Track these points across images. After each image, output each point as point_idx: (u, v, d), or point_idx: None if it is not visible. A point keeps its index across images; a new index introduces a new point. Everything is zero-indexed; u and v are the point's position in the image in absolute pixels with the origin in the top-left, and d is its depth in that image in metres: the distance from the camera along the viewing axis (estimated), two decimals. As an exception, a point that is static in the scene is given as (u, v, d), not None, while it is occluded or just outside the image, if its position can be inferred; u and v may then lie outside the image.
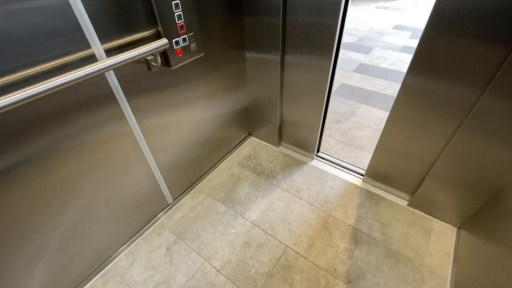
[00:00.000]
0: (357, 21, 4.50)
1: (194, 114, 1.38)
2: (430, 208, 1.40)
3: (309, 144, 1.75)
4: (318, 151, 1.82)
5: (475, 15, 0.85)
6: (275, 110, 1.70)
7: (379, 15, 4.73)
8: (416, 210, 1.45)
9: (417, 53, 1.01)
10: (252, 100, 1.77)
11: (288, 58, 1.43)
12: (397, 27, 4.18)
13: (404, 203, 1.49)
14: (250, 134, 2.03)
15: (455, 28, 0.89)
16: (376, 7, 5.13)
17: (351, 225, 1.40)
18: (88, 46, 0.83)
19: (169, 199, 1.49)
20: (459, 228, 1.35)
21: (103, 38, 0.85)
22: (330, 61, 1.29)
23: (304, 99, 1.54)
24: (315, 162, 1.79)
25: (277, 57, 1.42)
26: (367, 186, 1.60)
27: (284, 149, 1.91)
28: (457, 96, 1.02)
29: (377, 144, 1.40)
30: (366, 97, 2.48)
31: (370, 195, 1.55)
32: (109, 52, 0.88)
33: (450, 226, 1.37)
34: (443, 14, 0.89)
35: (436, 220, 1.40)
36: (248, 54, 1.53)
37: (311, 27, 1.24)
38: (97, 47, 0.85)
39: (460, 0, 0.85)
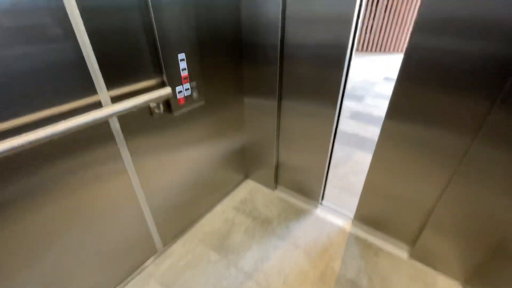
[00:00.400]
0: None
1: (191, 155, 1.40)
2: (433, 261, 1.34)
3: (311, 191, 1.73)
4: (322, 198, 1.78)
5: (444, 68, 0.93)
6: (272, 153, 1.72)
7: (370, 67, 5.10)
8: (417, 263, 1.38)
9: (392, 99, 1.08)
10: (249, 143, 1.81)
11: (286, 104, 1.49)
12: (386, 79, 4.47)
13: (404, 254, 1.43)
14: (246, 177, 2.02)
15: (424, 78, 0.98)
16: (367, 60, 5.56)
17: (350, 279, 1.31)
18: (95, 92, 0.87)
19: (159, 244, 1.42)
20: (464, 284, 1.27)
21: (110, 85, 0.90)
22: (335, 111, 1.34)
23: (305, 145, 1.57)
24: (316, 210, 1.75)
25: (274, 103, 1.49)
26: (365, 236, 1.54)
27: (281, 193, 1.88)
28: (443, 143, 1.06)
29: (363, 187, 1.40)
30: (361, 143, 2.54)
31: (369, 245, 1.49)
32: (115, 99, 0.92)
33: (455, 281, 1.29)
34: (412, 66, 0.98)
35: (439, 274, 1.33)
36: (246, 99, 1.61)
37: (311, 77, 1.32)
38: (103, 93, 0.89)
39: (426, 54, 0.94)
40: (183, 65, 1.05)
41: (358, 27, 1.13)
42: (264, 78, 1.45)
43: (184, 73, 1.07)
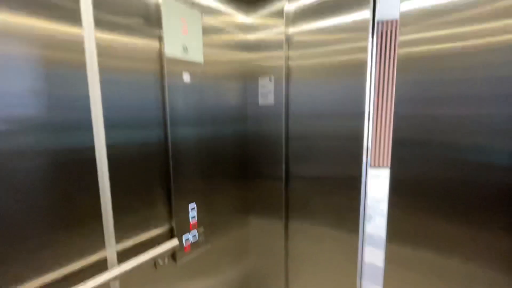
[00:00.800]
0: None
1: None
2: None
3: None
4: None
5: (432, 188, 0.95)
6: (280, 295, 1.52)
7: (372, 183, 5.25)
8: None
9: (389, 219, 1.04)
10: (254, 275, 1.63)
11: (294, 225, 1.41)
12: (391, 196, 4.51)
13: None
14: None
15: (416, 198, 0.98)
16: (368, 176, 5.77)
17: None
18: (102, 246, 0.88)
19: None
20: None
21: (119, 237, 0.91)
22: (357, 237, 1.21)
23: (322, 281, 1.39)
24: None
25: (280, 224, 1.42)
26: None
27: None
28: (471, 279, 0.93)
29: None
30: (378, 276, 2.29)
31: None
32: (121, 252, 0.92)
33: None
34: (400, 183, 1.01)
35: None
36: (252, 221, 1.55)
37: (322, 195, 1.27)
38: (111, 247, 0.89)
39: (411, 173, 0.98)
40: (193, 213, 1.11)
41: (370, 141, 1.16)
42: (269, 197, 1.44)
43: (193, 221, 1.12)
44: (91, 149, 0.83)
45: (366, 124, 1.13)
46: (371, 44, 1.06)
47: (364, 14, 1.05)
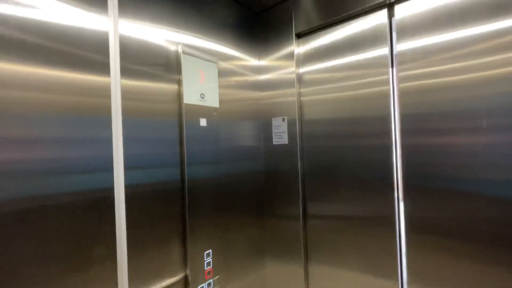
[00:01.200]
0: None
1: None
2: None
3: None
4: None
5: (445, 225, 0.92)
6: None
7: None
8: None
9: (407, 260, 0.99)
10: None
11: (317, 270, 1.30)
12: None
13: None
14: None
15: (429, 233, 0.95)
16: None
17: None
18: None
19: None
20: None
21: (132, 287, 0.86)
22: (397, 284, 1.06)
23: None
24: None
25: (300, 268, 1.31)
26: None
27: None
28: None
29: None
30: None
31: None
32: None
33: None
34: (415, 221, 0.97)
35: None
36: (268, 264, 1.45)
37: (350, 238, 1.18)
38: None
39: (423, 208, 0.95)
40: (208, 259, 1.04)
41: (400, 175, 1.06)
42: (286, 238, 1.36)
43: (209, 268, 1.04)
44: (110, 191, 0.82)
45: (394, 156, 1.07)
46: (391, 76, 1.09)
47: (383, 50, 1.09)
